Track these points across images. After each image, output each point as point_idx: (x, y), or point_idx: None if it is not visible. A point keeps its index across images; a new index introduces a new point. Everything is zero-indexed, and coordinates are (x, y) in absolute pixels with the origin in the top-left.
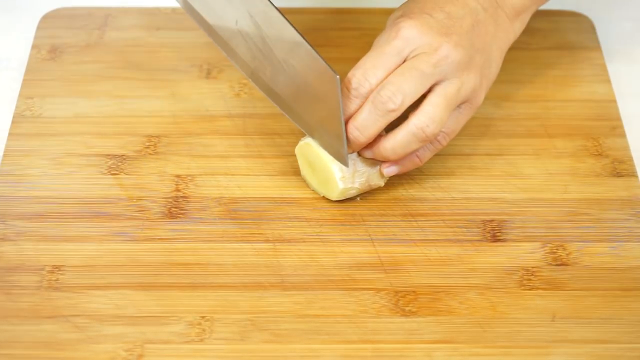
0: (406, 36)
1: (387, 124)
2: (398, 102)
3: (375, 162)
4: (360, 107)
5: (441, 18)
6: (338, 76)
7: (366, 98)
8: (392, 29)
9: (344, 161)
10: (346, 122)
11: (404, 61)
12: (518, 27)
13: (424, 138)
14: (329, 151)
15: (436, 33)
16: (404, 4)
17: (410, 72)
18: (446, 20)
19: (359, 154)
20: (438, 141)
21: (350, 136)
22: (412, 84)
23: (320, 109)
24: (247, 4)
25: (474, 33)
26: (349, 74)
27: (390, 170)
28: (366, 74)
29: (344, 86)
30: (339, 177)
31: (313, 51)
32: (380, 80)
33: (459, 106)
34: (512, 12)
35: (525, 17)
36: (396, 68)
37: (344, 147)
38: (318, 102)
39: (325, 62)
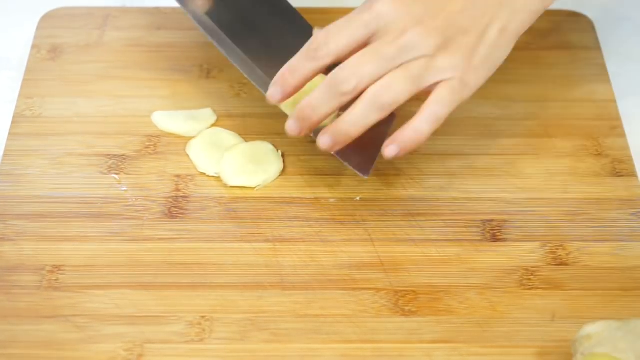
0: (378, 11)
1: (340, 106)
2: (352, 85)
3: None
4: (314, 71)
5: None
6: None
7: (322, 62)
8: (368, 1)
9: None
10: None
11: (373, 35)
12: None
13: (380, 107)
14: None
15: (409, 14)
16: None
17: (371, 55)
18: (427, 1)
19: (317, 143)
20: (432, 112)
21: (303, 114)
22: (371, 68)
23: None
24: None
25: (464, 14)
26: (315, 33)
27: (390, 150)
28: (328, 37)
29: (309, 42)
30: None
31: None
32: (340, 48)
33: (448, 82)
34: None
35: None
36: (362, 40)
37: None
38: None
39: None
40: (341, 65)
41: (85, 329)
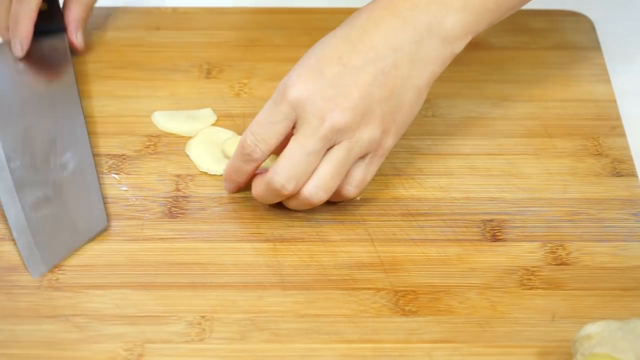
0: (292, 99)
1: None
2: (290, 189)
3: None
4: (255, 169)
5: (333, 74)
6: None
7: (259, 161)
8: (281, 88)
9: None
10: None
11: (296, 121)
12: (456, 47)
13: (314, 204)
14: None
15: (322, 98)
16: (314, 45)
17: (299, 153)
18: (338, 78)
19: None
20: (344, 194)
21: (257, 200)
22: (303, 168)
23: None
24: None
25: (375, 84)
26: (243, 136)
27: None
28: (255, 139)
29: (240, 145)
30: None
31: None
32: (271, 146)
33: (362, 158)
34: (451, 37)
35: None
36: (287, 131)
37: None
38: None
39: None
40: (275, 169)
41: (85, 328)
